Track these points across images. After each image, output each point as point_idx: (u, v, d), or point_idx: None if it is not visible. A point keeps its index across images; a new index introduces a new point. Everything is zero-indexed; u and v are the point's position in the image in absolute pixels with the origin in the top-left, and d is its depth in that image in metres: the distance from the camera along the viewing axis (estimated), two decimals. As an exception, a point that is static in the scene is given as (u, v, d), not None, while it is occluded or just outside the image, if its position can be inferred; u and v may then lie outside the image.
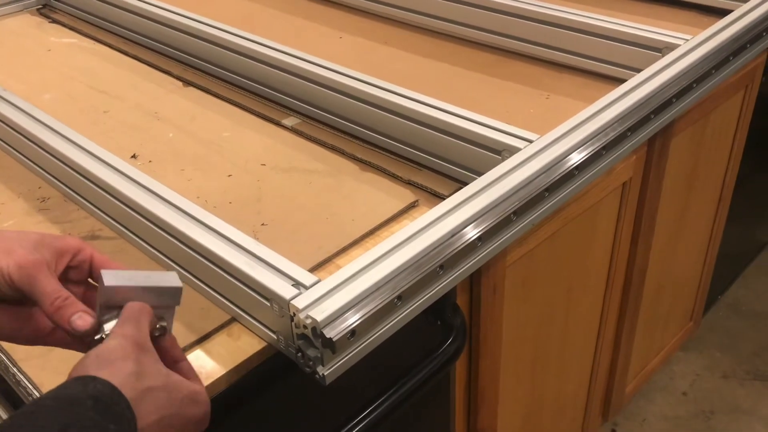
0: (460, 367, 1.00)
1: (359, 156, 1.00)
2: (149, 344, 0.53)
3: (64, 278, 0.58)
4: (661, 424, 1.57)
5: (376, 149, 1.01)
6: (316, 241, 0.83)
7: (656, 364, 1.61)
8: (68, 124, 0.97)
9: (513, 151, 0.84)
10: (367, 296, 0.65)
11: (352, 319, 0.63)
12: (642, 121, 0.91)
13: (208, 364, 0.69)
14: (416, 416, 0.98)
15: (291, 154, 1.01)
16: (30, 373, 0.70)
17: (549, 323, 1.15)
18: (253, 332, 0.72)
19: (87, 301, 0.57)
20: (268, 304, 0.66)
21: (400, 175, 0.95)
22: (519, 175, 0.79)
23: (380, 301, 0.65)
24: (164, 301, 0.57)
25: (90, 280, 0.60)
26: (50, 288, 0.54)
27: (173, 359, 0.57)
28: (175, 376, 0.53)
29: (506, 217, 0.75)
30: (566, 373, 1.29)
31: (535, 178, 0.79)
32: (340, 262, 0.81)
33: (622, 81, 1.06)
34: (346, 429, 0.78)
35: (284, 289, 0.65)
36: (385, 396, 0.80)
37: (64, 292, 0.55)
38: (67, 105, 1.16)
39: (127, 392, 0.48)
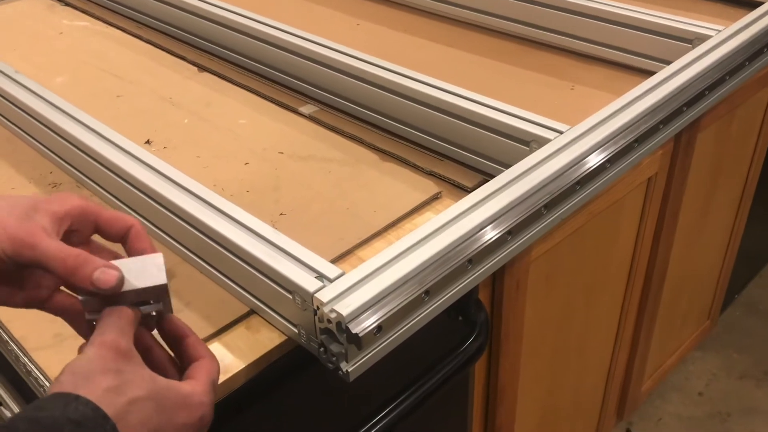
0: (479, 364, 0.97)
1: (379, 145, 0.97)
2: (132, 349, 0.48)
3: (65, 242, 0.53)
4: (677, 425, 1.54)
5: (396, 139, 0.98)
6: (336, 232, 0.81)
7: (672, 364, 1.58)
8: (81, 108, 0.95)
9: (542, 142, 0.81)
10: (394, 290, 0.62)
11: (379, 314, 0.60)
12: (674, 113, 0.88)
13: (226, 358, 0.66)
14: (433, 413, 0.96)
15: (309, 143, 0.98)
16: (41, 363, 0.68)
17: (569, 320, 1.12)
18: (273, 325, 0.69)
19: None
20: (290, 297, 0.64)
21: (421, 165, 0.92)
22: (550, 167, 0.76)
23: (408, 296, 0.62)
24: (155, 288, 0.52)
25: (95, 237, 0.55)
26: (56, 250, 0.48)
27: (179, 338, 0.53)
28: (162, 381, 0.48)
29: (536, 210, 0.72)
30: (584, 372, 1.27)
31: (567, 171, 0.76)
32: (361, 254, 0.78)
33: (649, 73, 1.03)
34: (365, 428, 0.76)
35: (307, 282, 0.63)
36: (405, 395, 0.78)
37: (75, 250, 0.49)
38: (79, 89, 1.13)
39: (110, 410, 0.43)
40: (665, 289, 1.34)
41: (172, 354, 0.55)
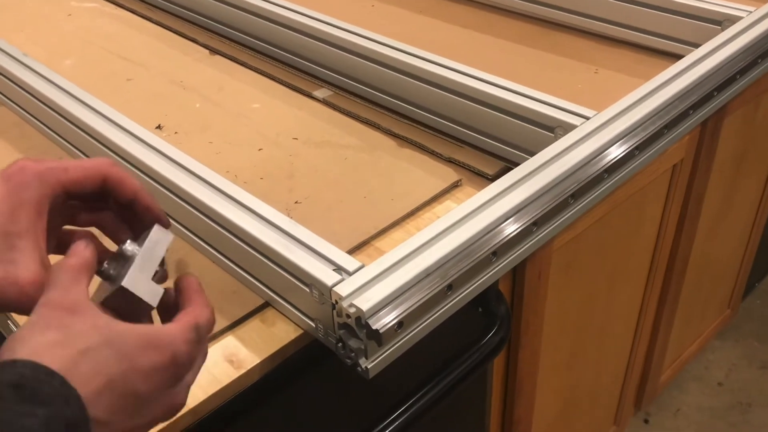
0: (498, 356, 0.95)
1: (396, 131, 0.94)
2: (82, 303, 0.43)
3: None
4: (696, 415, 1.51)
5: (414, 124, 0.95)
6: (352, 222, 0.78)
7: (691, 353, 1.55)
8: (90, 91, 0.92)
9: (568, 128, 0.78)
10: (416, 284, 0.59)
11: (400, 309, 0.58)
12: (704, 98, 0.84)
13: (241, 353, 0.64)
14: (451, 406, 0.94)
15: (324, 128, 0.95)
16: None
17: (589, 311, 1.09)
18: (289, 318, 0.67)
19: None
20: (307, 290, 0.61)
21: (440, 152, 0.89)
22: (576, 154, 0.73)
23: (430, 290, 0.59)
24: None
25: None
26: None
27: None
28: (121, 325, 0.43)
29: (563, 200, 0.69)
30: (603, 363, 1.24)
31: (594, 158, 0.73)
32: (379, 244, 0.76)
33: (676, 56, 1.00)
34: (383, 425, 0.74)
35: (325, 275, 0.60)
36: (424, 390, 0.75)
37: None
38: (88, 72, 1.10)
39: (55, 364, 0.39)
40: (687, 278, 1.31)
41: None
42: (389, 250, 0.69)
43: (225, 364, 0.63)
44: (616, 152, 0.74)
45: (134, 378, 0.41)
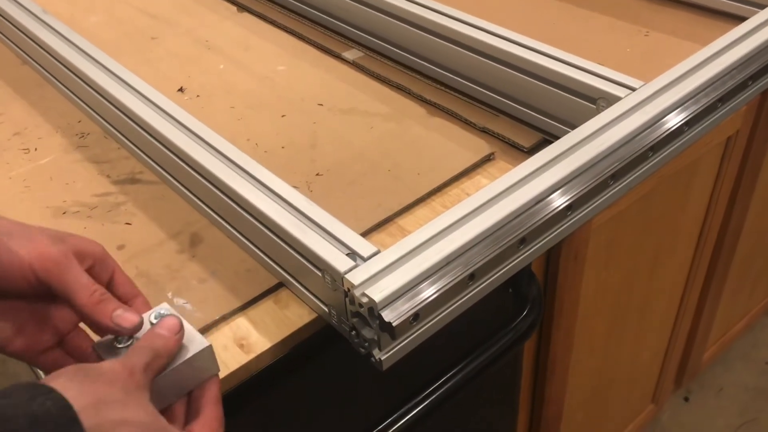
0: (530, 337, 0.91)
1: (427, 97, 0.88)
2: (146, 383, 0.44)
3: None
4: (740, 395, 1.45)
5: (447, 90, 0.89)
6: (375, 197, 0.74)
7: (738, 330, 1.48)
8: (113, 51, 0.89)
9: (612, 100, 0.71)
10: (434, 273, 0.55)
11: (416, 300, 0.54)
12: (766, 68, 0.77)
13: (252, 336, 0.61)
14: (479, 386, 0.90)
15: (351, 93, 0.90)
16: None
17: (630, 290, 1.04)
18: (303, 301, 0.63)
19: None
20: (320, 275, 0.58)
21: (473, 121, 0.84)
22: (620, 129, 0.66)
23: (449, 280, 0.55)
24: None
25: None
26: (86, 280, 0.47)
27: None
28: (163, 421, 0.43)
29: (602, 181, 0.63)
30: (643, 341, 1.19)
31: (639, 134, 0.67)
32: (402, 222, 0.72)
33: (736, 18, 0.91)
34: (407, 407, 0.71)
35: (338, 260, 0.56)
36: (449, 374, 0.72)
37: (100, 287, 0.48)
38: (113, 30, 1.07)
39: (91, 418, 0.38)
40: (737, 253, 1.24)
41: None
42: (413, 228, 0.65)
43: (235, 348, 0.60)
44: (663, 128, 0.68)
45: None
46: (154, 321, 0.50)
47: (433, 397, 0.73)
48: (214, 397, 0.50)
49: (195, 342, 0.50)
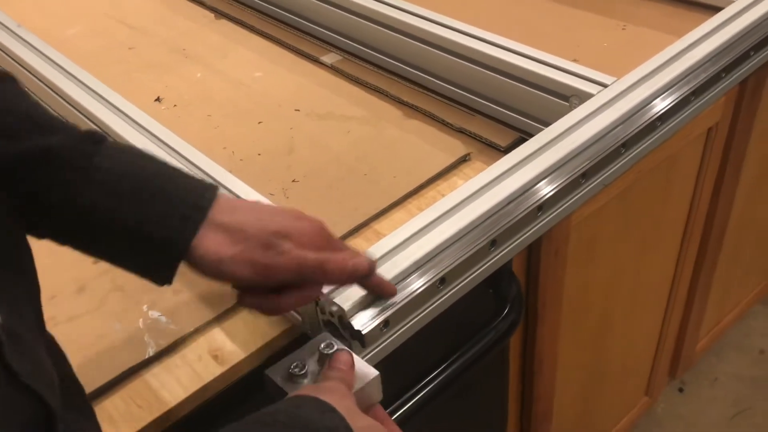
0: (514, 334, 0.90)
1: (404, 99, 0.88)
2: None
3: None
4: (735, 385, 1.45)
5: (424, 91, 0.89)
6: (352, 201, 0.74)
7: (731, 320, 1.48)
8: (91, 63, 0.89)
9: (584, 97, 0.71)
10: (404, 279, 0.55)
11: (386, 306, 0.54)
12: (739, 59, 0.76)
13: (226, 346, 0.61)
14: (465, 385, 0.90)
15: (328, 97, 0.90)
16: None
17: (617, 284, 1.03)
18: (277, 311, 0.63)
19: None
20: (291, 284, 0.57)
21: (450, 121, 0.84)
22: (589, 128, 0.66)
23: (420, 285, 0.55)
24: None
25: None
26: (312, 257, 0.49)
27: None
28: (381, 425, 0.48)
29: (574, 180, 0.63)
30: (633, 334, 1.18)
31: (610, 131, 0.67)
32: (378, 226, 0.71)
33: (714, 8, 0.91)
34: (391, 408, 0.71)
35: (308, 269, 0.56)
36: (429, 378, 0.72)
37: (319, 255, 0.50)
38: (91, 42, 1.07)
39: (352, 426, 0.43)
40: (725, 243, 1.24)
41: None
42: (389, 232, 0.65)
43: (209, 359, 0.60)
44: (635, 124, 0.68)
45: None
46: (326, 351, 0.51)
47: (415, 399, 0.73)
48: (386, 415, 0.53)
49: (363, 371, 0.51)
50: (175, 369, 0.60)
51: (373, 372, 0.51)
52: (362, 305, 0.53)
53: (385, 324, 0.53)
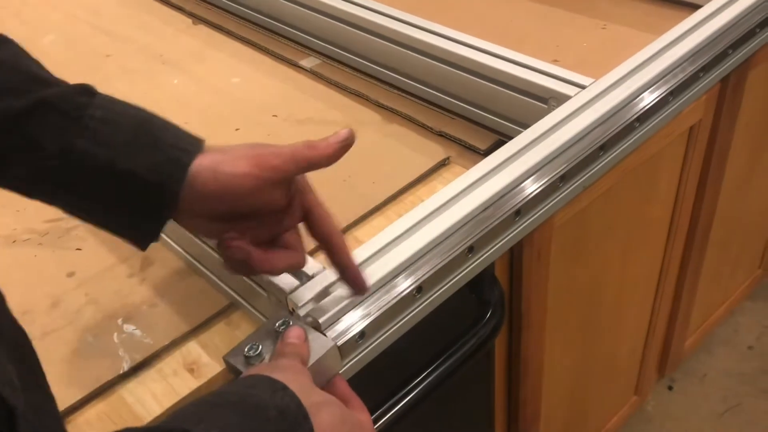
0: (499, 338, 0.90)
1: (384, 102, 0.88)
2: None
3: None
4: (724, 381, 1.45)
5: (404, 95, 0.88)
6: (331, 208, 0.72)
7: (719, 316, 1.48)
8: (67, 71, 0.86)
9: (561, 99, 0.71)
10: (380, 288, 0.54)
11: (362, 317, 0.53)
12: (717, 58, 0.76)
13: (202, 359, 0.60)
14: (451, 391, 0.89)
15: (307, 102, 0.89)
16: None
17: (602, 284, 1.03)
18: (254, 322, 0.62)
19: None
20: (265, 295, 0.57)
21: (430, 125, 0.83)
22: (568, 130, 0.66)
23: (396, 295, 0.54)
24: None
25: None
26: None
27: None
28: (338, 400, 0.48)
29: (552, 183, 0.63)
30: (620, 333, 1.18)
31: (588, 133, 0.66)
32: (358, 233, 0.71)
33: (695, 6, 0.91)
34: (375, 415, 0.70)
35: (282, 280, 0.55)
36: (411, 385, 0.71)
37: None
38: (68, 49, 1.06)
39: (305, 404, 0.42)
40: (711, 240, 1.23)
41: None
42: (368, 239, 0.64)
43: (184, 372, 0.59)
44: (614, 125, 0.67)
45: None
46: (280, 330, 0.50)
47: (399, 407, 0.72)
48: (348, 387, 0.52)
49: (319, 343, 0.50)
50: (151, 383, 0.59)
51: (329, 342, 0.50)
52: (336, 316, 0.52)
53: (361, 335, 0.53)
